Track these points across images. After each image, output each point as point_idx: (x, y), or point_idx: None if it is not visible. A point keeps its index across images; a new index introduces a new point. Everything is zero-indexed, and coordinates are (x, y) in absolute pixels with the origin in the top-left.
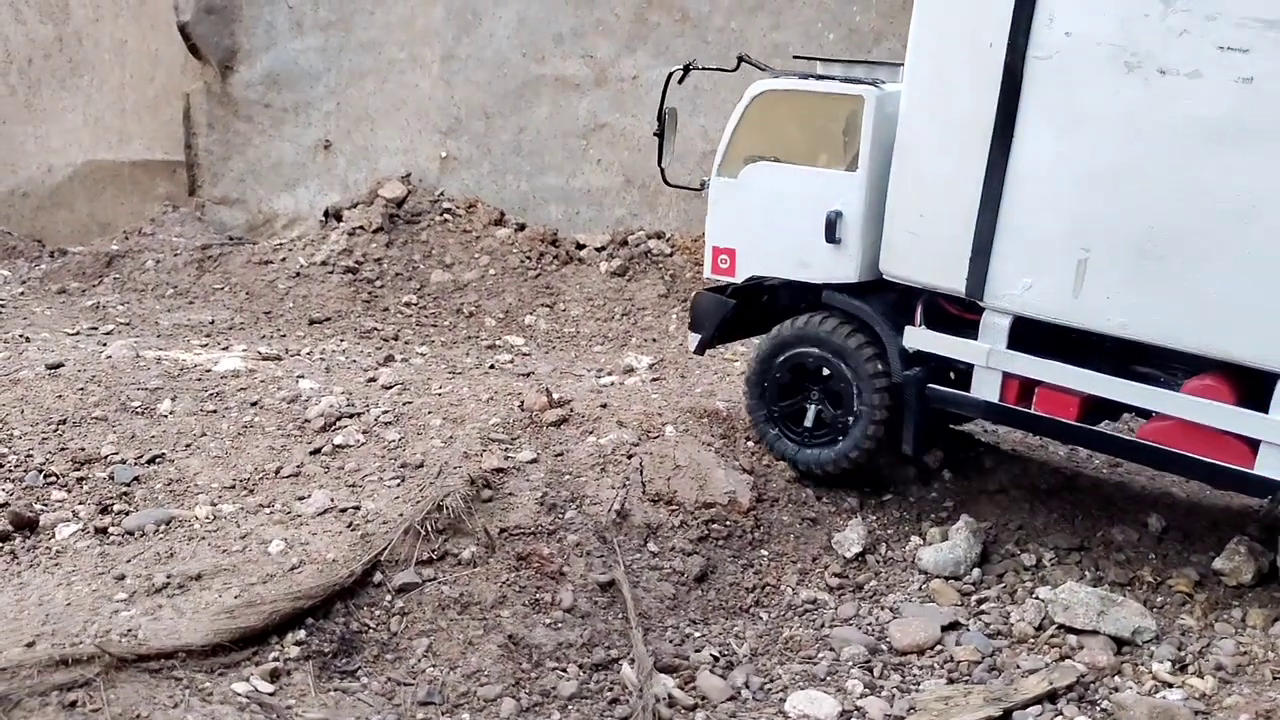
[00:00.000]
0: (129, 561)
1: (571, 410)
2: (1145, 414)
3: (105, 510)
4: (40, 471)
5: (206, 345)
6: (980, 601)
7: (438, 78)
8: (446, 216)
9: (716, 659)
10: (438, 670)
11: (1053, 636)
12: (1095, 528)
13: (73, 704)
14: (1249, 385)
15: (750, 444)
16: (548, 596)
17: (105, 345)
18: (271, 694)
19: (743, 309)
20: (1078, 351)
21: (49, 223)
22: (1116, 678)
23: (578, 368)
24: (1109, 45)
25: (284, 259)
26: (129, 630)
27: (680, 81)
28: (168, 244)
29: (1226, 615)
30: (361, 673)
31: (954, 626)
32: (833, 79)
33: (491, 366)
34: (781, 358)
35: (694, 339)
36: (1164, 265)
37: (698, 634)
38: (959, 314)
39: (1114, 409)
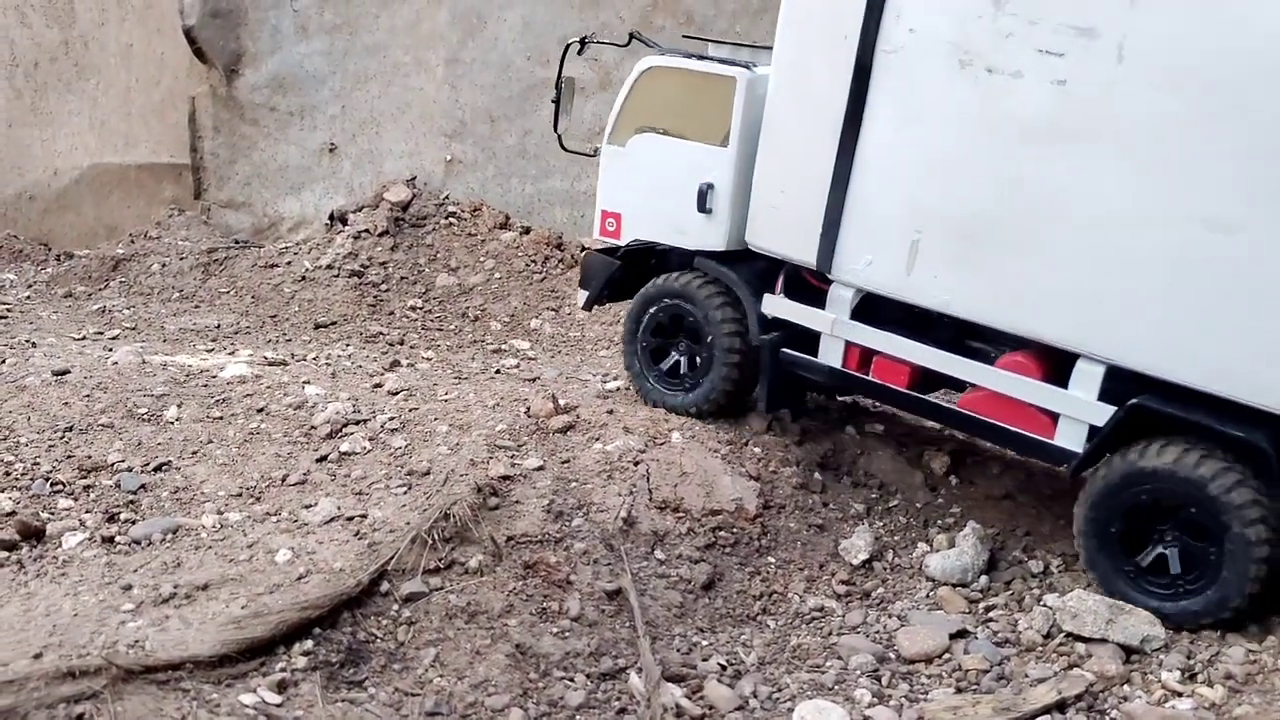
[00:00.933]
0: (136, 571)
1: (578, 416)
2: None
3: (112, 519)
4: (47, 479)
5: (212, 350)
6: (988, 609)
7: (443, 81)
8: (451, 220)
9: (724, 668)
10: (445, 680)
11: (1061, 645)
12: None
13: (80, 716)
14: (1056, 363)
15: (757, 450)
16: (555, 605)
17: (111, 350)
18: (279, 705)
19: (633, 271)
20: (923, 326)
21: (55, 226)
22: (1125, 687)
23: (583, 372)
24: (946, 43)
25: (289, 263)
26: (136, 641)
27: (580, 53)
28: (173, 247)
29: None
30: (369, 683)
31: (962, 635)
32: (711, 59)
33: (497, 371)
34: (652, 310)
35: (582, 295)
36: (983, 250)
37: (705, 642)
38: (817, 285)
39: (945, 380)
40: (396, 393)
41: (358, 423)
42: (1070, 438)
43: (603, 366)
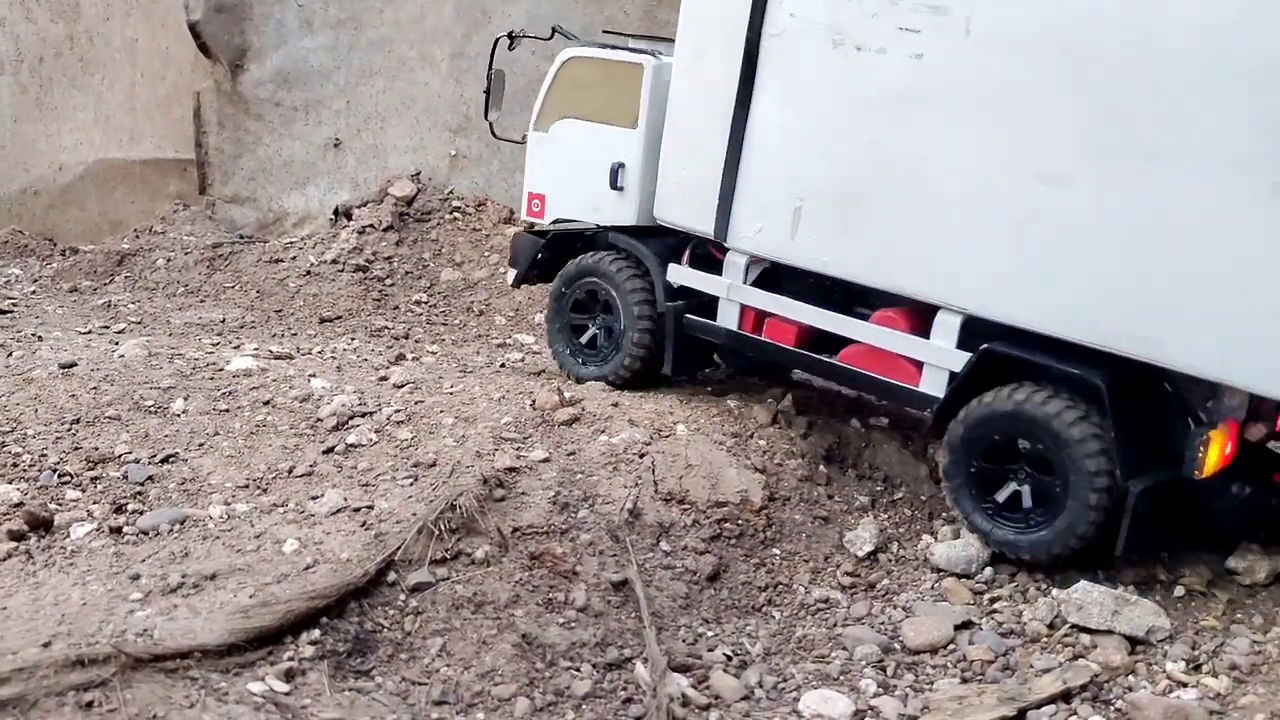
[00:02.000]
0: (144, 561)
1: (583, 409)
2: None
3: (120, 510)
4: (54, 471)
5: (218, 344)
6: (993, 600)
7: (447, 76)
8: (456, 215)
9: (730, 658)
10: (452, 670)
11: (1066, 636)
12: None
13: (89, 704)
14: (921, 317)
15: (762, 442)
16: (561, 596)
17: (118, 344)
18: (287, 694)
19: (562, 251)
20: (820, 292)
21: (60, 221)
22: (1131, 677)
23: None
24: (821, 25)
25: (294, 257)
26: (144, 630)
27: (510, 48)
28: (178, 242)
29: (1241, 614)
30: (376, 672)
31: (967, 625)
32: (622, 49)
33: (502, 365)
34: (571, 288)
35: (511, 273)
36: (854, 214)
37: (711, 633)
38: (719, 255)
39: (832, 339)
40: (402, 386)
41: (363, 415)
42: (933, 384)
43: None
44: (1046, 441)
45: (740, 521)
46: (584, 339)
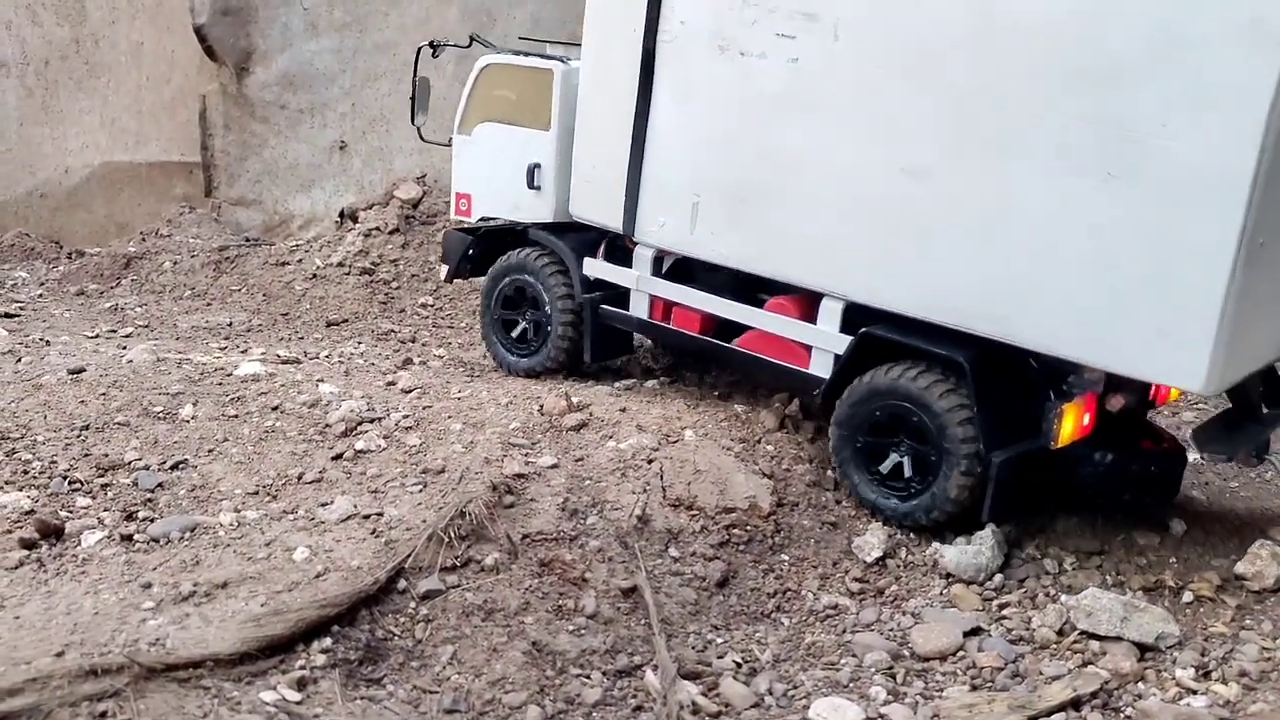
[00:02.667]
0: (155, 569)
1: (591, 414)
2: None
3: (130, 517)
4: (65, 478)
5: (225, 348)
6: (1002, 607)
7: (453, 78)
8: None
9: (739, 665)
10: (463, 678)
11: (1075, 642)
12: (1116, 531)
13: (103, 714)
14: (810, 304)
15: (770, 448)
16: (571, 603)
17: (125, 349)
18: (299, 703)
19: (493, 248)
20: (727, 280)
21: (66, 224)
22: (1140, 684)
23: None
24: (708, 32)
25: (300, 260)
26: (157, 639)
27: (434, 56)
28: (185, 245)
29: (1250, 620)
30: (387, 680)
31: (976, 632)
32: (536, 55)
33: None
34: (499, 285)
35: (443, 270)
36: (746, 208)
37: (720, 640)
38: (631, 249)
39: (735, 327)
40: (410, 391)
41: (372, 421)
42: (821, 366)
43: (613, 365)
44: (921, 415)
45: (749, 527)
46: (515, 333)
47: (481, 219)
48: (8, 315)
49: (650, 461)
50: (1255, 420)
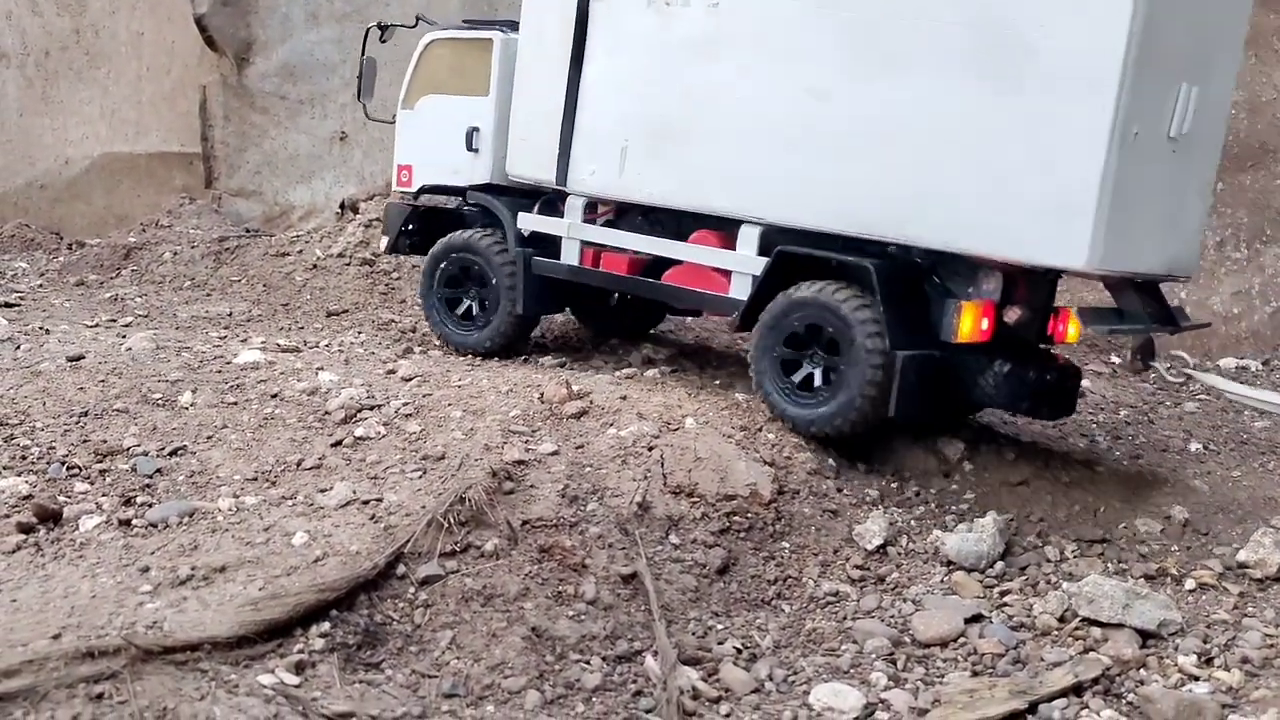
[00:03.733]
0: (153, 553)
1: (591, 402)
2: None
3: (128, 502)
4: (63, 463)
5: (225, 337)
6: (1003, 594)
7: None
8: None
9: (739, 651)
10: (462, 662)
11: (1076, 629)
12: (1118, 519)
13: (100, 696)
14: (730, 232)
15: (771, 436)
16: (570, 589)
17: (125, 337)
18: (297, 686)
19: (431, 223)
20: (652, 227)
21: (66, 215)
22: (1142, 671)
23: (596, 360)
24: None
25: (301, 251)
26: (154, 622)
27: (382, 40)
28: (185, 236)
29: (1252, 607)
30: (386, 665)
31: (977, 619)
32: (478, 27)
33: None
34: (442, 265)
35: (384, 240)
36: (670, 147)
37: (720, 626)
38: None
39: (658, 265)
40: (410, 379)
41: (372, 408)
42: (741, 289)
43: (615, 354)
44: (833, 322)
45: (749, 515)
46: (460, 311)
47: (421, 188)
48: (7, 305)
49: (651, 449)
50: (1140, 318)
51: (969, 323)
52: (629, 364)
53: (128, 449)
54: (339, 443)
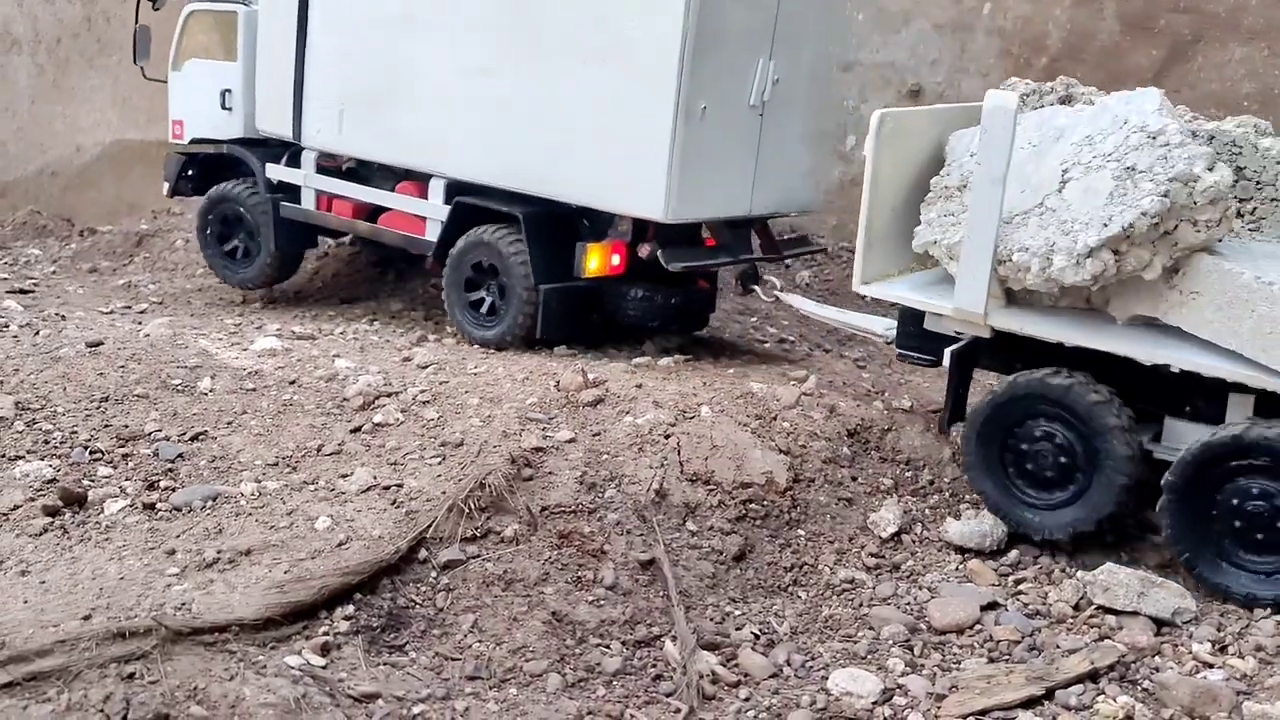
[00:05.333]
0: (178, 537)
1: (607, 390)
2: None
3: (152, 486)
4: (86, 448)
5: (240, 324)
6: (1018, 582)
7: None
8: None
9: (757, 637)
10: (484, 645)
11: (1091, 617)
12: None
13: (131, 676)
14: (426, 185)
15: (786, 424)
16: (589, 574)
17: (141, 324)
18: (323, 667)
19: (208, 170)
20: (384, 176)
21: (78, 202)
22: (1157, 658)
23: (609, 348)
24: None
25: None
26: (182, 604)
27: (156, 8)
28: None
29: None
30: (409, 647)
31: (993, 606)
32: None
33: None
34: (212, 214)
35: (165, 186)
36: (376, 111)
37: (738, 612)
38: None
39: (377, 211)
40: (426, 366)
41: (389, 395)
42: (433, 232)
43: (628, 342)
44: (497, 261)
45: (765, 502)
46: (228, 249)
47: (192, 139)
48: (22, 291)
49: (667, 437)
50: (731, 252)
51: (597, 260)
52: (643, 353)
53: (149, 434)
54: (358, 429)
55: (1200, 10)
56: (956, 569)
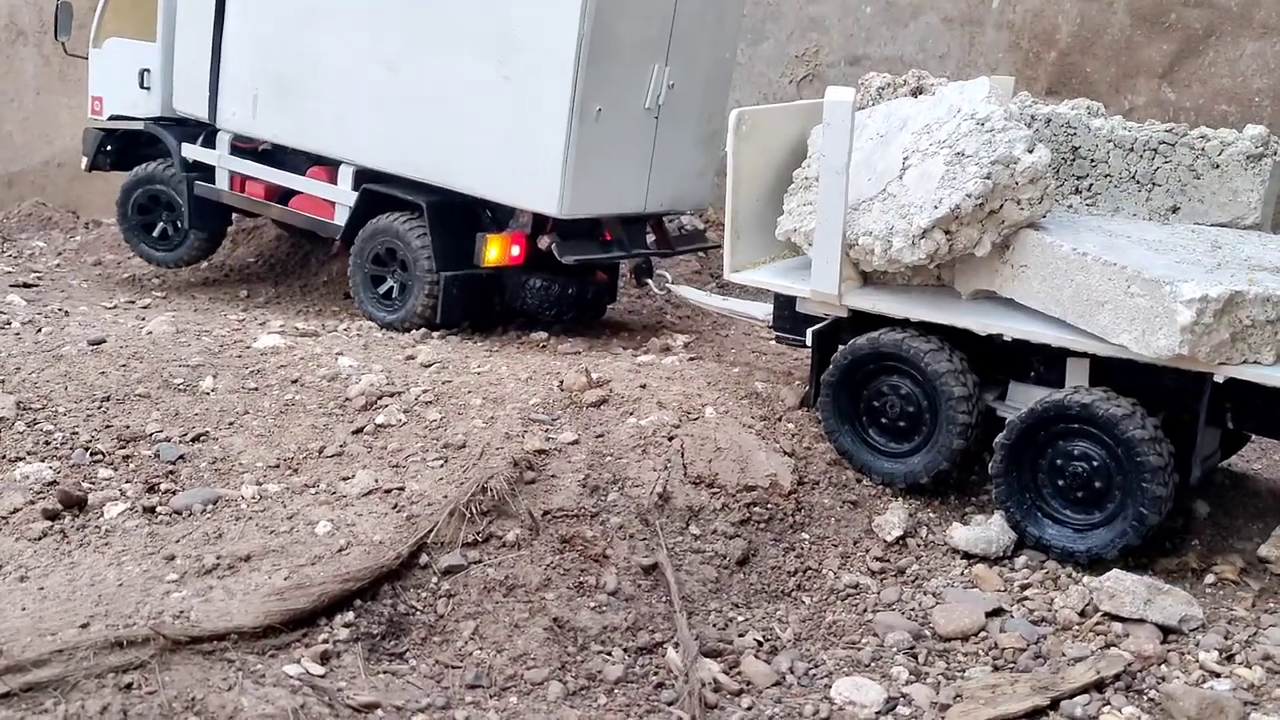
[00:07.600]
0: (178, 541)
1: (611, 390)
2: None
3: (152, 489)
4: (86, 449)
5: (244, 321)
6: (1024, 588)
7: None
8: None
9: (760, 643)
10: (484, 653)
11: (1098, 624)
12: None
13: (129, 686)
14: (335, 170)
15: (790, 426)
16: (591, 579)
17: (144, 320)
18: (323, 676)
19: (124, 143)
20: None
21: (83, 193)
22: (1163, 667)
23: (614, 345)
24: None
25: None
26: (181, 612)
27: None
28: None
29: (1273, 603)
30: (410, 655)
31: (998, 613)
32: None
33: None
34: (134, 195)
35: (85, 160)
36: (289, 97)
37: (741, 618)
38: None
39: (289, 193)
40: (429, 365)
41: (391, 395)
42: (341, 217)
43: (632, 341)
44: (400, 248)
45: (769, 505)
46: (155, 232)
47: (111, 116)
48: (26, 285)
49: (671, 439)
50: (623, 247)
51: (497, 250)
52: (646, 351)
53: (150, 435)
54: (360, 430)
55: (1212, 5)
56: (962, 574)
